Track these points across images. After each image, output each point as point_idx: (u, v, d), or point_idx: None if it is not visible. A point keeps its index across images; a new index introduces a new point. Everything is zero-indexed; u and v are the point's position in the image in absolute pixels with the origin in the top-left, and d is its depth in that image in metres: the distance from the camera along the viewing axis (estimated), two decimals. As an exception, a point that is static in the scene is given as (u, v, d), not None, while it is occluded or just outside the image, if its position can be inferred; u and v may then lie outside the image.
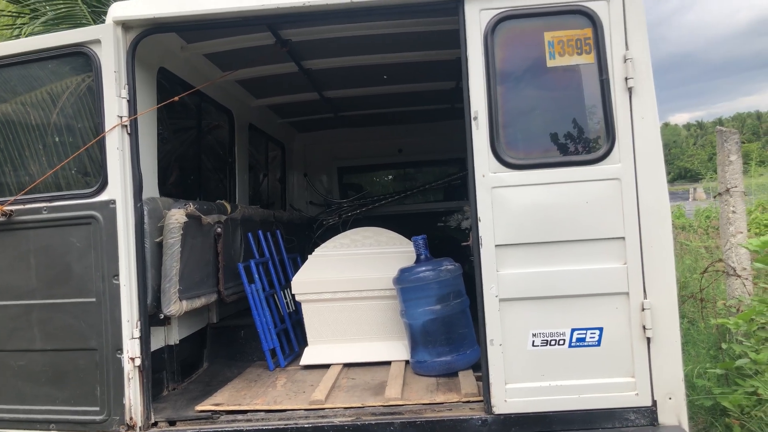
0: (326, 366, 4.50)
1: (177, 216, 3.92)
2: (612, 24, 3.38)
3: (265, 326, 4.70)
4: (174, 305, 3.93)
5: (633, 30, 3.37)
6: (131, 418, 3.53)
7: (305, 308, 4.73)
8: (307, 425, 3.47)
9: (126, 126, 3.62)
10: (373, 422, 3.44)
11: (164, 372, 4.29)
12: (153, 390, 3.72)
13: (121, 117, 3.60)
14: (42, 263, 3.69)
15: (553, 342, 3.38)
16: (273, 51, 4.90)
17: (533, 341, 3.39)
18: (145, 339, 3.63)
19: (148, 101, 4.13)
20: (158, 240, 3.90)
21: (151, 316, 3.83)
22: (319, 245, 5.07)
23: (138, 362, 3.56)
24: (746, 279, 4.62)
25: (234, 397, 3.94)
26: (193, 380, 4.57)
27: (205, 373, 4.74)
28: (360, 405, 3.62)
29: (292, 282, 4.75)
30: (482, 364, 3.46)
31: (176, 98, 4.14)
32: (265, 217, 5.90)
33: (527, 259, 3.39)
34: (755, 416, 3.81)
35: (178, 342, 4.47)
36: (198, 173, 5.97)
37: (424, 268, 4.24)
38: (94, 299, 3.60)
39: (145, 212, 3.76)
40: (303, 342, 4.92)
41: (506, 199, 3.40)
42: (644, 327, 3.31)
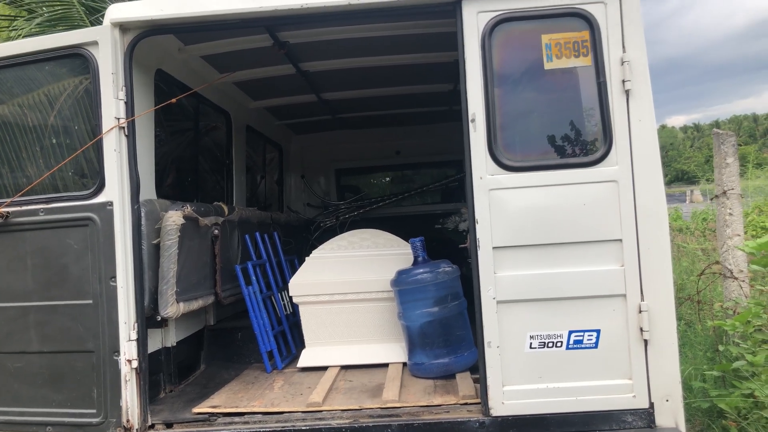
0: (324, 368, 4.49)
1: (174, 218, 3.92)
2: (609, 26, 3.39)
3: (263, 328, 4.69)
4: (171, 307, 3.92)
5: (630, 32, 3.38)
6: (128, 421, 3.52)
7: (302, 310, 4.73)
8: (305, 427, 3.46)
9: (123, 128, 3.61)
10: (371, 424, 3.44)
11: (161, 374, 4.28)
12: (150, 392, 3.71)
13: (119, 119, 3.59)
14: (39, 265, 3.68)
15: (551, 344, 3.38)
16: (271, 53, 4.91)
17: (531, 343, 3.39)
18: (142, 341, 3.62)
19: (146, 103, 4.13)
20: (155, 242, 3.90)
21: (148, 318, 3.81)
22: (317, 247, 5.07)
23: (135, 364, 3.55)
24: (743, 281, 4.63)
25: (231, 400, 3.93)
26: (190, 382, 4.56)
27: (203, 375, 4.73)
28: (357, 407, 3.62)
29: (290, 284, 4.74)
30: (480, 366, 3.45)
31: (174, 100, 4.14)
32: (263, 219, 5.89)
33: (525, 261, 3.39)
34: (752, 418, 3.81)
35: (175, 344, 4.47)
36: (195, 175, 5.97)
37: (422, 270, 4.24)
38: (91, 301, 3.59)
39: (143, 214, 3.76)
40: (300, 344, 4.92)
41: (504, 201, 3.40)
42: (641, 329, 3.32)
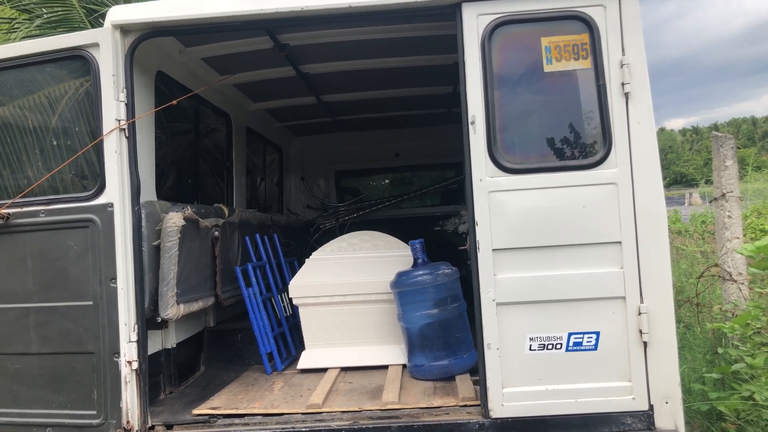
0: (323, 370, 4.49)
1: (175, 219, 3.92)
2: (608, 29, 3.40)
3: (263, 330, 4.69)
4: (171, 309, 3.92)
5: (629, 35, 3.39)
6: (128, 422, 3.52)
7: (302, 312, 4.73)
8: (305, 429, 3.46)
9: (124, 129, 3.62)
10: (371, 426, 3.44)
11: (161, 375, 4.28)
12: (150, 394, 3.71)
13: (119, 120, 3.60)
14: (39, 266, 3.68)
15: (550, 346, 3.39)
16: (271, 55, 4.92)
17: (530, 345, 3.39)
18: (143, 342, 3.62)
19: (146, 105, 4.14)
20: (156, 243, 3.90)
21: (149, 320, 3.81)
22: (317, 249, 5.08)
23: (135, 366, 3.56)
24: (742, 284, 4.63)
25: (231, 401, 3.93)
26: (190, 384, 4.56)
27: (202, 377, 4.73)
28: (357, 409, 3.62)
29: (290, 285, 4.74)
30: (479, 368, 3.46)
31: (174, 102, 4.14)
32: (263, 221, 5.89)
33: (524, 263, 3.40)
34: (751, 421, 3.81)
35: (176, 345, 4.47)
36: (195, 177, 5.97)
37: (422, 272, 4.25)
38: (92, 302, 3.59)
39: (143, 215, 3.77)
40: (300, 346, 4.92)
41: (503, 204, 3.41)
42: (641, 331, 3.32)
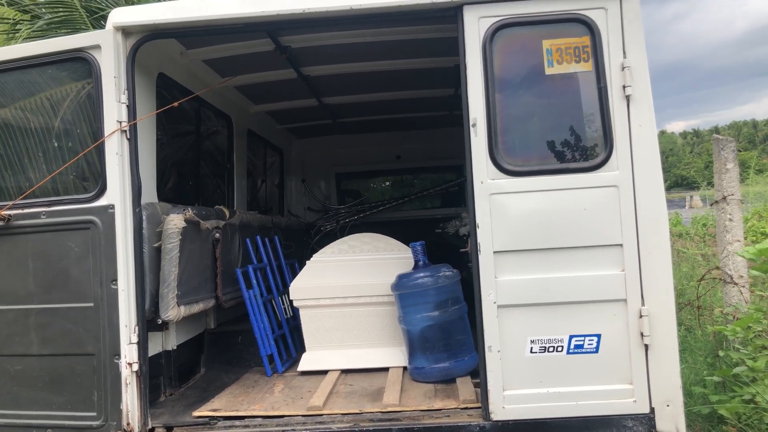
0: (324, 372, 4.49)
1: (176, 221, 3.92)
2: (610, 32, 3.40)
3: (263, 332, 4.69)
4: (172, 310, 3.92)
5: (630, 38, 3.39)
6: (128, 424, 3.52)
7: (303, 314, 4.72)
8: (305, 431, 3.46)
9: (125, 131, 3.62)
10: (371, 428, 3.44)
11: (161, 377, 4.28)
12: (150, 395, 3.71)
13: (121, 122, 3.60)
14: (40, 268, 3.68)
15: (552, 348, 3.38)
16: (272, 57, 4.92)
17: (531, 348, 3.39)
18: (143, 344, 3.62)
19: (148, 107, 4.14)
20: (157, 245, 3.90)
21: (149, 322, 3.82)
22: (317, 251, 5.07)
23: (135, 367, 3.56)
24: (743, 287, 4.63)
25: (231, 403, 3.92)
26: (191, 386, 4.55)
27: (203, 379, 4.73)
28: (358, 411, 3.62)
29: (290, 288, 4.74)
30: (480, 371, 3.46)
31: (176, 104, 4.15)
32: (264, 223, 5.90)
33: (525, 266, 3.39)
34: (752, 424, 3.81)
35: (176, 347, 4.47)
36: (196, 179, 5.97)
37: (423, 275, 4.24)
38: (92, 304, 3.59)
39: (144, 217, 3.77)
40: (301, 348, 4.92)
41: (505, 206, 3.41)
42: (642, 334, 3.32)
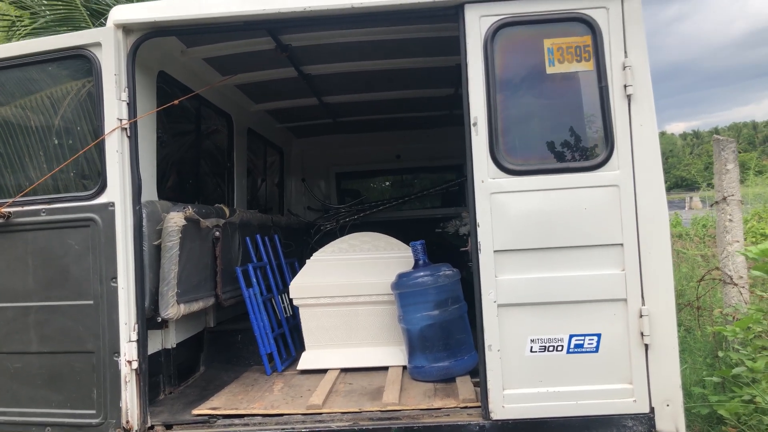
0: (323, 371, 4.49)
1: (176, 219, 3.92)
2: (611, 31, 3.40)
3: (263, 330, 4.69)
4: (172, 308, 3.92)
5: (632, 37, 3.39)
6: (128, 422, 3.52)
7: (303, 313, 4.72)
8: (305, 430, 3.46)
9: (126, 129, 3.62)
10: (371, 427, 3.44)
11: (161, 375, 4.28)
12: (150, 393, 3.71)
13: (121, 120, 3.60)
14: (40, 265, 3.67)
15: (551, 348, 3.38)
16: (273, 56, 4.92)
17: (531, 347, 3.39)
18: (143, 342, 3.62)
19: (148, 105, 4.13)
20: (157, 243, 3.90)
21: (149, 320, 3.81)
22: (317, 250, 5.07)
23: (135, 365, 3.55)
24: (743, 287, 4.63)
25: (231, 402, 3.92)
26: (190, 384, 4.55)
27: (202, 377, 4.73)
28: (357, 410, 3.62)
29: (290, 286, 4.74)
30: (480, 370, 3.45)
31: (176, 102, 4.14)
32: (263, 222, 5.89)
33: (526, 265, 3.39)
34: (752, 425, 3.81)
35: (176, 345, 4.46)
36: (197, 177, 5.97)
37: (423, 274, 4.24)
38: (92, 302, 3.59)
39: (144, 215, 3.76)
40: (300, 347, 4.91)
41: (505, 205, 3.41)
42: (642, 333, 3.32)
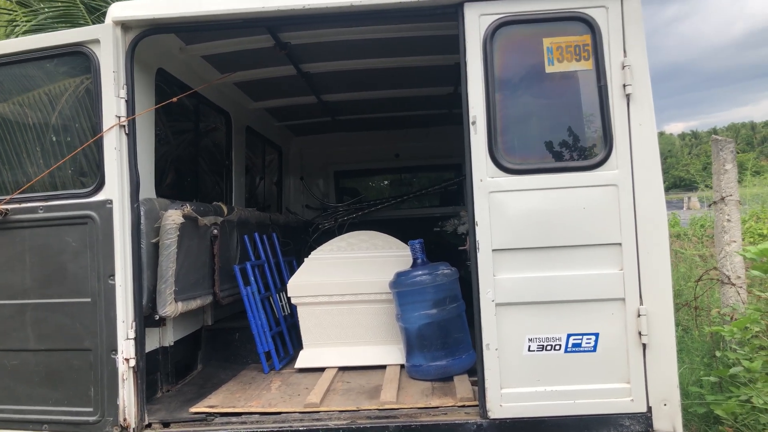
0: (321, 369, 4.49)
1: (174, 217, 3.92)
2: (610, 31, 3.40)
3: (261, 329, 4.68)
4: (169, 306, 3.91)
5: (631, 37, 3.39)
6: (125, 419, 3.51)
7: (301, 311, 4.72)
8: (302, 428, 3.46)
9: (124, 126, 3.61)
10: (368, 426, 3.43)
11: (158, 373, 4.27)
12: (147, 391, 3.70)
13: (119, 117, 3.59)
14: (37, 263, 3.66)
15: (549, 347, 3.38)
16: (272, 54, 4.91)
17: (529, 346, 3.39)
18: (140, 340, 3.61)
19: (146, 102, 4.13)
20: (154, 241, 3.89)
21: (146, 317, 3.81)
22: (315, 248, 5.07)
23: (132, 363, 3.55)
24: (740, 287, 4.63)
25: (228, 400, 3.92)
26: (188, 382, 4.55)
27: (200, 375, 4.72)
28: (355, 408, 3.62)
29: (288, 285, 4.74)
30: (478, 369, 3.45)
31: (174, 99, 4.14)
32: (262, 220, 5.89)
33: (524, 264, 3.39)
34: (749, 424, 3.81)
35: (173, 343, 4.46)
36: (195, 175, 5.97)
37: (421, 272, 4.24)
38: (90, 299, 3.58)
39: (142, 213, 3.76)
40: (298, 345, 4.91)
41: (504, 204, 3.41)
42: (640, 333, 3.32)
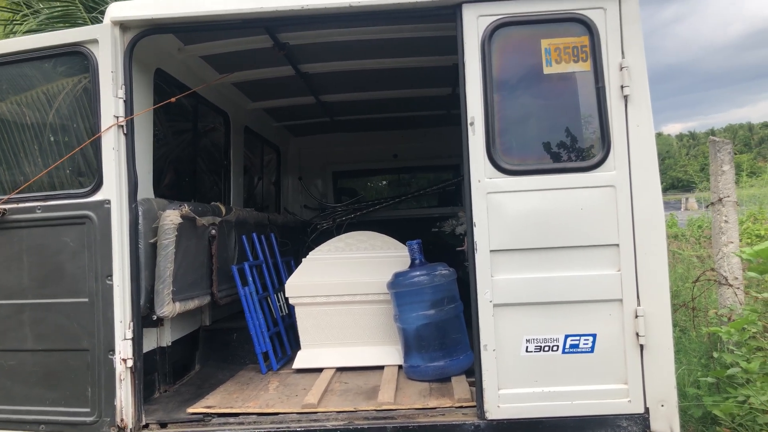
0: (319, 370, 4.48)
1: (172, 217, 3.91)
2: (608, 32, 3.40)
3: (258, 329, 4.68)
4: (167, 306, 3.91)
5: (629, 38, 3.39)
6: (122, 420, 3.51)
7: (298, 312, 4.72)
8: (300, 429, 3.46)
9: (122, 126, 3.61)
10: (366, 426, 3.43)
11: (156, 374, 4.27)
12: (144, 392, 3.70)
13: (118, 117, 3.59)
14: (35, 263, 3.66)
15: (547, 348, 3.39)
16: (270, 54, 4.91)
17: (527, 347, 3.39)
18: (138, 340, 3.61)
19: (145, 102, 4.12)
20: (152, 241, 3.89)
21: (144, 318, 3.81)
22: (314, 249, 5.07)
23: (130, 363, 3.54)
24: (738, 288, 4.64)
25: (226, 400, 3.92)
26: (185, 382, 4.54)
27: (197, 376, 4.72)
28: (353, 409, 3.62)
29: (286, 285, 4.73)
30: (475, 370, 3.45)
31: (173, 99, 4.13)
32: (260, 220, 5.88)
33: (522, 265, 3.40)
34: (746, 425, 3.82)
35: (171, 344, 4.46)
36: (193, 175, 5.96)
37: (419, 273, 4.24)
38: (87, 299, 3.58)
39: (140, 213, 3.76)
40: (296, 345, 4.91)
41: (502, 205, 3.41)
42: (637, 334, 3.32)
